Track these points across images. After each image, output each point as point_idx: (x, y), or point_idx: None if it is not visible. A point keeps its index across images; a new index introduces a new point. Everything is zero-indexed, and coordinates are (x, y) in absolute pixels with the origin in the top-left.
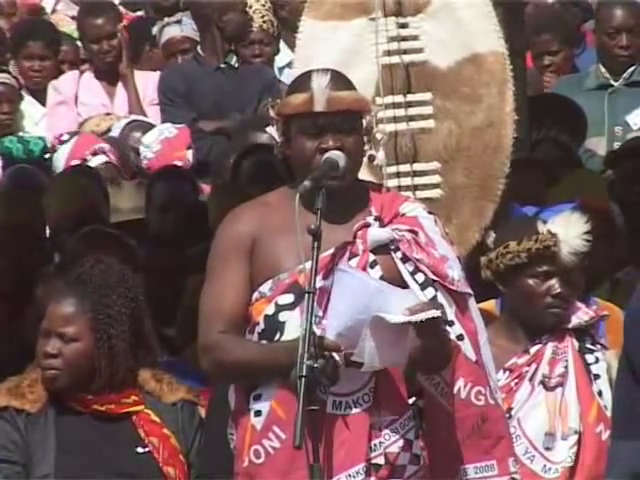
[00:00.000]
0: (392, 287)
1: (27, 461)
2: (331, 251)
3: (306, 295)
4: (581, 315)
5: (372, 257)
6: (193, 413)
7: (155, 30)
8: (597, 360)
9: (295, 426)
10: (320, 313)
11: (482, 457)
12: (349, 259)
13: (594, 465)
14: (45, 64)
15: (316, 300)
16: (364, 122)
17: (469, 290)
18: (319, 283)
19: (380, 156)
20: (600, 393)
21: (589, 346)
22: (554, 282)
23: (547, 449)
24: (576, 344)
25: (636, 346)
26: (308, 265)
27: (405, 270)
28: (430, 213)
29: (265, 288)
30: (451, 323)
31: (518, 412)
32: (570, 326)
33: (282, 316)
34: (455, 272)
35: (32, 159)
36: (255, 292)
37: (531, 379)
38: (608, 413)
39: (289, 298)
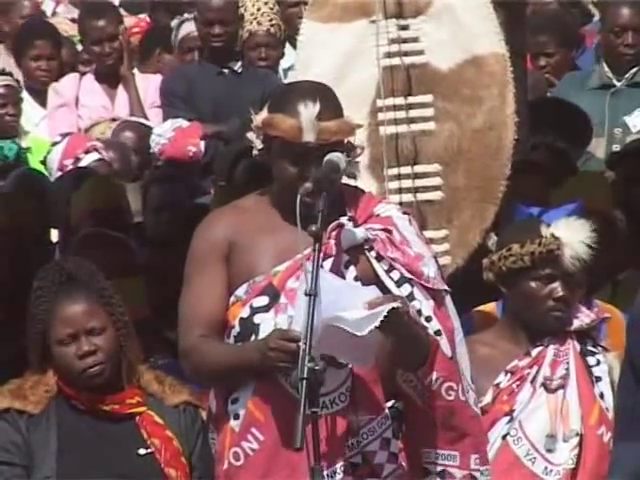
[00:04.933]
0: (355, 286)
1: (29, 463)
2: (306, 252)
3: (307, 298)
4: (582, 317)
5: (346, 257)
6: (195, 416)
7: (173, 24)
8: (598, 362)
9: (296, 428)
10: (293, 313)
11: (445, 445)
12: (323, 260)
13: (595, 467)
14: (52, 64)
15: (289, 300)
16: (345, 141)
17: (445, 287)
18: (293, 284)
19: (360, 172)
20: (602, 395)
21: (590, 348)
22: (556, 285)
23: (548, 451)
24: (577, 346)
25: (639, 349)
26: (283, 267)
27: (380, 268)
28: (405, 213)
29: (240, 292)
30: (429, 319)
31: (520, 414)
32: (572, 328)
33: (257, 318)
34: (431, 270)
35: (8, 164)
36: (231, 296)
37: (533, 381)
38: (610, 415)
39: (263, 300)
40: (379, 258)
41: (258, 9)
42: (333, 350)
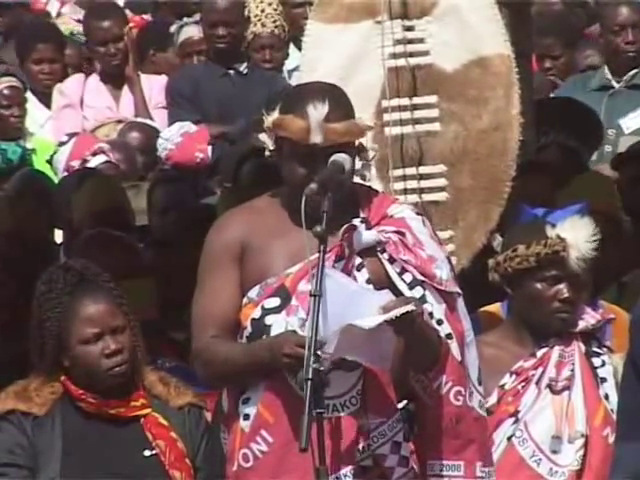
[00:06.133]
0: (370, 289)
1: (34, 465)
2: (318, 255)
3: (312, 298)
4: (588, 319)
5: (358, 260)
6: (200, 417)
7: (173, 29)
8: (604, 363)
9: (300, 429)
10: (305, 316)
11: (450, 456)
12: (335, 262)
13: (601, 468)
14: (55, 67)
15: (300, 302)
16: (357, 142)
17: (458, 290)
18: (304, 287)
19: (372, 174)
20: (607, 396)
21: (596, 349)
22: (562, 287)
23: (554, 452)
24: (583, 347)
25: None
26: (295, 269)
27: (393, 270)
28: (418, 214)
29: (253, 293)
30: (440, 322)
31: (525, 415)
32: (577, 330)
33: (268, 319)
34: (443, 272)
35: (12, 167)
36: (244, 297)
37: (538, 382)
38: (615, 416)
39: (275, 302)
40: (391, 260)
41: (262, 10)
42: (350, 353)
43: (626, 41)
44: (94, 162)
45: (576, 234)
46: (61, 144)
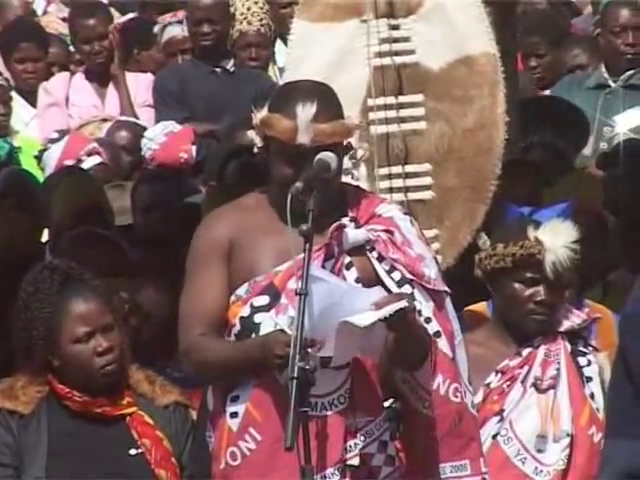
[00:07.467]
0: (361, 288)
1: (19, 464)
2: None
3: (297, 297)
4: (573, 318)
5: (348, 259)
6: (185, 416)
7: (156, 29)
8: (589, 363)
9: (286, 427)
10: (294, 314)
11: (456, 456)
12: (325, 261)
13: (586, 467)
14: (38, 65)
15: (289, 301)
16: (345, 142)
17: (446, 289)
18: (294, 285)
19: (361, 173)
20: (592, 395)
21: (581, 349)
22: (539, 289)
23: (539, 451)
24: (568, 347)
25: (631, 349)
26: (284, 267)
27: (381, 269)
28: (406, 214)
29: (241, 291)
30: (428, 320)
31: (510, 414)
32: (562, 329)
33: (257, 317)
34: (432, 271)
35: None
36: (232, 295)
37: (523, 381)
38: (600, 416)
39: (264, 300)
40: (380, 259)
41: (248, 9)
42: (349, 354)
43: (626, 43)
44: (89, 163)
45: (555, 238)
46: (52, 141)
